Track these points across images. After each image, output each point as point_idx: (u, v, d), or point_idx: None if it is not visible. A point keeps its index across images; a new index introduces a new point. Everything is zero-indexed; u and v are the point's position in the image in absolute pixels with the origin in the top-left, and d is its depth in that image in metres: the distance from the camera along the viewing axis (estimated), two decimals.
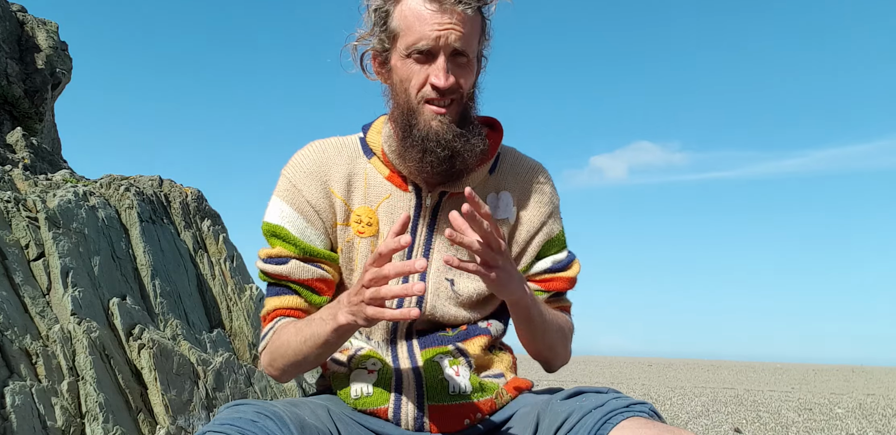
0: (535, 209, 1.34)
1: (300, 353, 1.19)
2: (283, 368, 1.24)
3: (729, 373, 27.83)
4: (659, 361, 48.99)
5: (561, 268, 1.35)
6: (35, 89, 7.60)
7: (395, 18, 1.21)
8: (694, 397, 12.69)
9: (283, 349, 1.21)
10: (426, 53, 1.19)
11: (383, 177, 1.30)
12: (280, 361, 1.24)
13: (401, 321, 1.25)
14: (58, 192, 4.40)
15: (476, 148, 1.22)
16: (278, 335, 1.24)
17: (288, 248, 1.26)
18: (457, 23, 1.18)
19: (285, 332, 1.22)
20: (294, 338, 1.19)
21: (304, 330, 1.17)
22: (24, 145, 5.92)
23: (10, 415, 3.21)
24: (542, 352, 1.33)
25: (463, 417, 1.19)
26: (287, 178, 1.30)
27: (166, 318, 4.60)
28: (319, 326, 1.14)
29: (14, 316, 3.58)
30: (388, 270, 1.02)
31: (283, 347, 1.21)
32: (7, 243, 3.82)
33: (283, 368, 1.24)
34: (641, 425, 1.01)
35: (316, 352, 1.17)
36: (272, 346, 1.25)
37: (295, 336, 1.19)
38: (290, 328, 1.21)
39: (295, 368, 1.24)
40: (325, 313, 1.15)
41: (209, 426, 1.03)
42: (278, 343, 1.23)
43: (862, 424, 8.55)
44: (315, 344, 1.16)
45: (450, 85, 1.19)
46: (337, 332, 1.12)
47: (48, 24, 8.13)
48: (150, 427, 3.90)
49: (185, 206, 5.62)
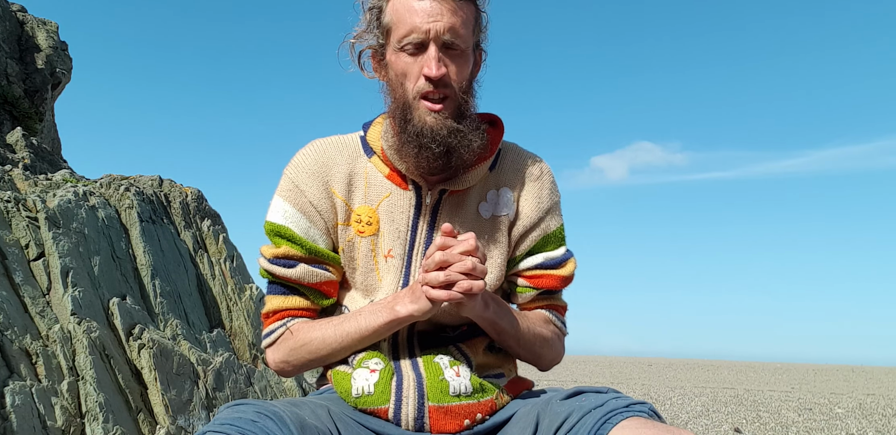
0: (534, 205, 1.34)
1: (339, 346, 1.24)
2: (307, 362, 1.29)
3: (729, 373, 27.84)
4: (659, 361, 48.99)
5: (553, 265, 1.34)
6: (35, 89, 7.60)
7: (388, 13, 1.23)
8: (694, 397, 12.70)
9: (316, 344, 1.25)
10: (418, 46, 1.20)
11: (383, 175, 1.30)
12: (306, 357, 1.27)
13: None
14: (58, 192, 4.40)
15: (473, 144, 1.22)
16: (303, 333, 1.27)
17: (295, 248, 1.27)
18: (446, 13, 1.18)
19: (314, 329, 1.26)
20: (333, 333, 1.24)
21: (346, 325, 1.23)
22: (24, 145, 5.92)
23: (10, 415, 3.21)
24: (523, 356, 1.35)
25: (463, 418, 1.19)
26: (289, 179, 1.31)
27: (166, 318, 4.60)
28: (369, 320, 1.21)
29: (14, 316, 3.58)
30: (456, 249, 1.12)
31: (316, 342, 1.25)
32: (7, 243, 3.82)
33: (307, 362, 1.29)
34: (641, 425, 1.01)
35: (357, 345, 1.24)
36: (293, 343, 1.28)
37: (334, 332, 1.24)
38: (322, 325, 1.26)
39: (320, 362, 1.28)
40: (376, 308, 1.22)
41: (209, 426, 1.03)
42: (306, 339, 1.26)
43: (862, 424, 8.55)
44: (361, 336, 1.22)
45: (441, 75, 1.19)
46: (391, 324, 1.20)
47: (48, 24, 8.13)
48: (150, 427, 3.90)
49: (185, 206, 5.62)
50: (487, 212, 1.32)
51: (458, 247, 1.11)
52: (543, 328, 1.34)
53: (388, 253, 1.28)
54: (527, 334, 1.29)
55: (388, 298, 1.22)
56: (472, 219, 1.31)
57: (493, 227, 1.32)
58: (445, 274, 1.10)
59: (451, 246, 1.12)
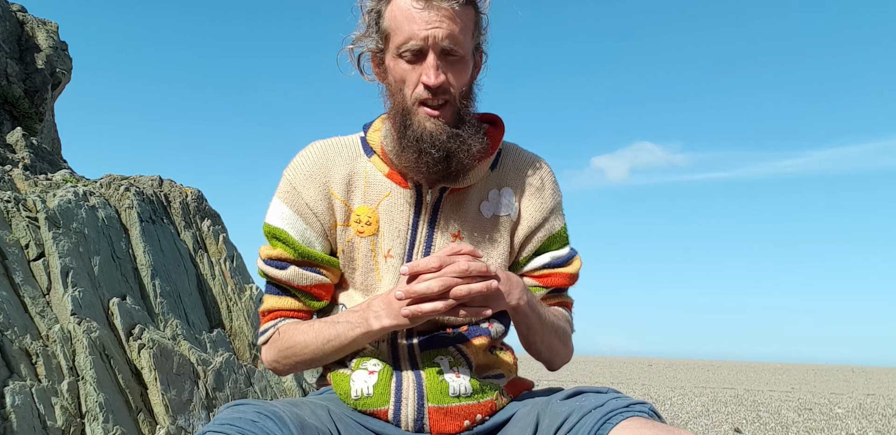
0: (536, 205, 1.34)
1: (319, 352, 1.24)
2: (294, 365, 1.29)
3: (729, 373, 27.83)
4: (659, 361, 48.99)
5: (560, 263, 1.35)
6: (35, 89, 7.60)
7: (386, 18, 1.22)
8: (694, 397, 12.69)
9: (299, 348, 1.25)
10: (416, 53, 1.19)
11: (383, 174, 1.30)
12: (292, 359, 1.27)
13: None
14: (58, 192, 4.40)
15: (472, 148, 1.22)
16: (289, 335, 1.27)
17: (287, 251, 1.28)
18: (445, 20, 1.17)
19: (299, 332, 1.25)
20: (314, 339, 1.23)
21: (326, 331, 1.22)
22: (24, 145, 5.92)
23: (10, 415, 3.21)
24: (543, 353, 1.34)
25: (463, 418, 1.19)
26: (287, 180, 1.31)
27: (166, 318, 4.60)
28: (346, 329, 1.19)
29: (14, 316, 3.58)
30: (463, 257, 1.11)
31: (299, 347, 1.25)
32: (7, 243, 3.82)
33: (294, 365, 1.29)
34: (641, 425, 1.01)
35: (337, 352, 1.23)
36: (281, 344, 1.28)
37: (315, 338, 1.23)
38: (306, 329, 1.25)
39: (306, 365, 1.28)
40: (352, 317, 1.19)
41: (209, 426, 1.03)
42: (290, 342, 1.26)
43: (862, 424, 8.55)
44: (340, 344, 1.21)
45: (440, 83, 1.18)
46: (367, 335, 1.18)
47: (48, 24, 8.13)
48: (150, 427, 3.90)
49: (185, 206, 5.62)
50: (489, 211, 1.32)
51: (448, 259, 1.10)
52: (564, 323, 1.34)
53: (387, 253, 1.28)
54: (551, 328, 1.29)
55: (363, 305, 1.19)
56: (473, 217, 1.31)
57: (494, 226, 1.32)
58: (444, 304, 1.08)
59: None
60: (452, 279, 1.08)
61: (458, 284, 1.08)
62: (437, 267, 1.08)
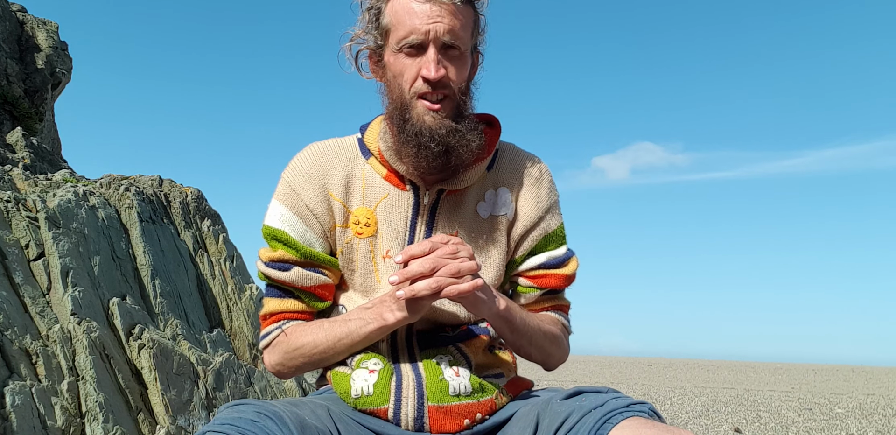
0: (532, 204, 1.34)
1: (330, 350, 1.24)
2: (300, 366, 1.29)
3: (729, 373, 27.85)
4: (659, 361, 49.00)
5: (556, 264, 1.35)
6: (35, 89, 7.60)
7: (387, 15, 1.23)
8: (694, 397, 12.70)
9: (308, 348, 1.25)
10: (417, 47, 1.20)
11: (381, 176, 1.30)
12: (299, 360, 1.28)
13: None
14: (58, 192, 4.40)
15: (471, 143, 1.22)
16: (296, 336, 1.27)
17: (290, 252, 1.28)
18: (446, 15, 1.18)
19: (307, 332, 1.26)
20: (324, 338, 1.24)
21: (337, 329, 1.23)
22: (24, 145, 5.92)
23: (10, 415, 3.21)
24: (534, 355, 1.34)
25: (463, 418, 1.19)
26: (286, 182, 1.31)
27: (166, 318, 4.60)
28: (359, 325, 1.20)
29: (14, 316, 3.59)
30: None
31: (308, 347, 1.25)
32: (7, 243, 3.82)
33: (300, 366, 1.29)
34: (641, 425, 1.01)
35: (349, 350, 1.24)
36: (287, 346, 1.28)
37: (325, 337, 1.24)
38: (314, 329, 1.26)
39: (313, 365, 1.29)
40: (364, 314, 1.21)
41: (209, 426, 1.03)
42: (299, 343, 1.26)
43: (862, 424, 8.55)
44: (352, 341, 1.22)
45: (440, 76, 1.19)
46: (381, 330, 1.19)
47: (48, 24, 8.13)
48: (150, 427, 3.90)
49: (185, 206, 5.62)
50: (486, 212, 1.32)
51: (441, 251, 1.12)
52: (552, 326, 1.34)
53: (386, 254, 1.28)
54: (538, 333, 1.29)
55: (374, 301, 1.22)
56: (471, 219, 1.31)
57: (492, 226, 1.32)
58: (436, 279, 1.10)
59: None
60: (443, 259, 1.10)
61: (447, 263, 1.11)
62: (428, 250, 1.11)
